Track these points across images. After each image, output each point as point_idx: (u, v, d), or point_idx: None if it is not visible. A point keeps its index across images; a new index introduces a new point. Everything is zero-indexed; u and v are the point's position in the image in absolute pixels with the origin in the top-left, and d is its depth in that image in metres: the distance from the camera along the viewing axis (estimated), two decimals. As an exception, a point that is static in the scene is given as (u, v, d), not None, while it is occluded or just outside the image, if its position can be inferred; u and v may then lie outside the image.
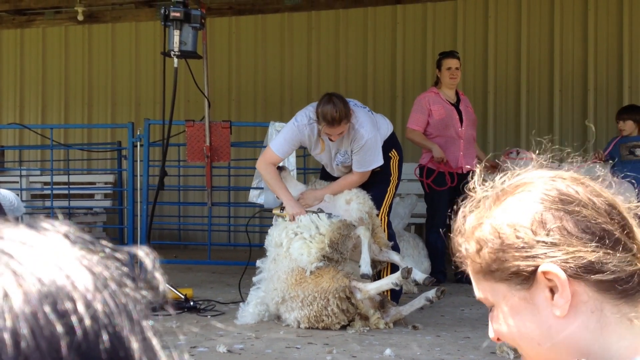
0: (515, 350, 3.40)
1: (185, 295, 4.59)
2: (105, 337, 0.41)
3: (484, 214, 0.93)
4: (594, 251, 0.87)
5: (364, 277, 4.04)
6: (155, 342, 0.45)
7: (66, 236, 0.45)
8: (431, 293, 4.03)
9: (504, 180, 0.95)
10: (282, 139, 4.44)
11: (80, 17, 7.66)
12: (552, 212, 0.89)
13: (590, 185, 0.93)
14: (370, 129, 4.36)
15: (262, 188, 5.48)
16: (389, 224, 4.64)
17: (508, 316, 0.93)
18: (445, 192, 5.70)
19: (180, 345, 3.59)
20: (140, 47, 8.62)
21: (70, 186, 7.00)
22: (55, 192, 6.98)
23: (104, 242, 0.47)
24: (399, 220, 5.91)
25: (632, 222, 0.91)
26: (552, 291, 0.89)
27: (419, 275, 4.24)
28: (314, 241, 4.02)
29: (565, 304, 0.88)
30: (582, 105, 7.51)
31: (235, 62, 8.36)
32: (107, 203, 7.88)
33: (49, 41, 8.92)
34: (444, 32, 7.80)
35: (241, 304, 4.39)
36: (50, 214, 6.36)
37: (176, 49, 4.50)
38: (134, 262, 0.48)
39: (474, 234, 0.94)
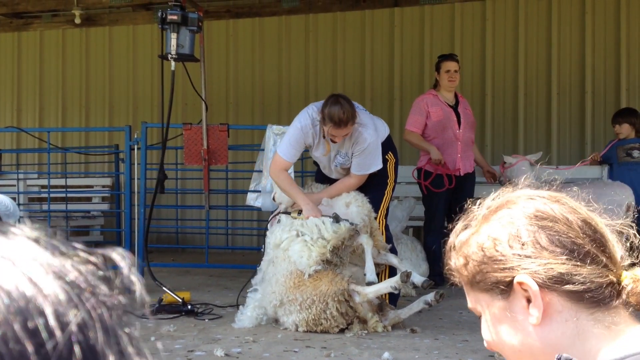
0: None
1: (182, 299, 4.57)
2: (78, 352, 0.39)
3: (473, 231, 1.01)
4: (563, 263, 0.93)
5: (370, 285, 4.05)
6: (132, 352, 0.42)
7: (36, 241, 0.43)
8: (430, 296, 4.02)
9: (493, 199, 1.03)
10: (287, 144, 4.42)
11: (77, 20, 7.65)
12: (527, 228, 0.96)
13: (567, 203, 0.99)
14: (372, 132, 4.37)
15: (259, 191, 5.47)
16: (387, 227, 4.63)
17: (491, 324, 1.00)
18: (443, 195, 5.69)
19: (178, 349, 3.58)
20: (138, 51, 8.62)
21: (68, 189, 6.98)
22: (52, 195, 6.96)
23: (77, 245, 0.45)
24: (397, 223, 5.90)
25: (609, 237, 0.97)
26: (529, 301, 0.95)
27: (418, 278, 4.23)
28: (315, 245, 4.00)
29: (539, 313, 0.94)
30: (579, 108, 7.52)
31: (233, 65, 8.36)
32: (105, 206, 7.86)
33: (47, 44, 8.91)
34: (441, 35, 7.80)
35: (240, 307, 4.37)
36: (48, 217, 6.34)
37: (173, 52, 4.49)
38: (111, 265, 0.46)
39: (462, 249, 1.02)
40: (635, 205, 5.51)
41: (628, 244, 1.01)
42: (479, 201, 1.05)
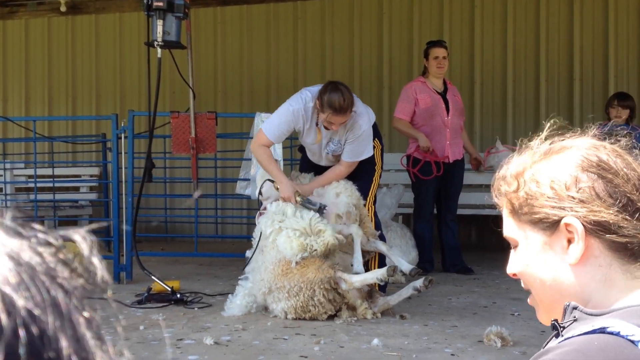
0: (502, 339, 3.40)
1: (172, 288, 4.56)
2: (23, 336, 0.36)
3: (530, 165, 1.05)
4: (613, 214, 0.98)
5: None
6: (89, 337, 0.40)
7: None
8: (419, 282, 4.03)
9: (552, 142, 1.07)
10: (275, 123, 4.36)
11: (63, 9, 7.57)
12: (587, 174, 1.00)
13: (628, 159, 1.02)
14: (367, 120, 4.36)
15: (249, 179, 5.45)
16: (375, 213, 4.64)
17: (527, 256, 1.05)
18: (431, 182, 5.70)
19: (167, 338, 3.57)
20: (125, 38, 8.54)
21: (55, 179, 6.92)
22: (40, 185, 6.91)
23: (36, 227, 0.43)
24: (387, 210, 5.91)
25: None
26: (569, 242, 1.00)
27: (405, 266, 4.24)
28: (296, 239, 3.99)
29: (579, 254, 0.99)
30: (568, 94, 7.53)
31: (221, 52, 8.30)
32: (93, 196, 7.81)
33: (32, 33, 8.82)
34: (430, 21, 7.78)
35: (229, 295, 4.36)
36: (35, 207, 6.29)
37: (159, 39, 4.45)
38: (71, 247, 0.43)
39: (516, 177, 1.05)
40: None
41: None
42: (538, 137, 1.08)
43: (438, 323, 3.96)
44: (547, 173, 1.02)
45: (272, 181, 4.43)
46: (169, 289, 4.55)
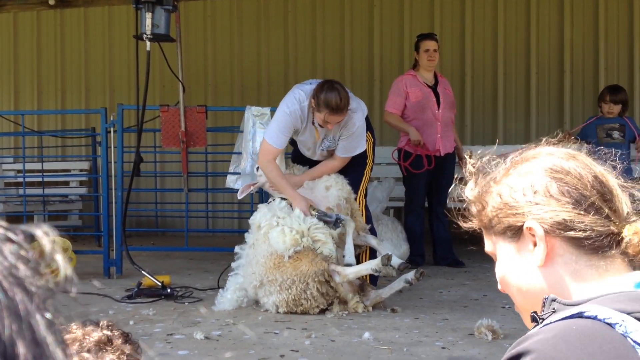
0: (492, 332, 3.41)
1: (162, 283, 4.54)
2: None
3: (495, 182, 1.12)
4: (568, 211, 1.03)
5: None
6: (50, 341, 0.37)
7: None
8: (410, 275, 4.03)
9: (518, 154, 1.14)
10: (276, 130, 4.29)
11: (51, 2, 7.47)
12: (541, 178, 1.07)
13: (582, 159, 1.08)
14: (361, 116, 4.35)
15: (239, 173, 5.42)
16: (366, 207, 4.63)
17: (502, 267, 1.12)
18: (423, 175, 5.69)
19: (157, 333, 3.55)
20: (114, 32, 8.48)
21: (45, 173, 6.87)
22: (29, 179, 6.86)
23: None
24: (377, 204, 5.90)
25: (617, 193, 1.06)
26: (535, 245, 1.06)
27: (395, 260, 4.23)
28: (290, 234, 3.97)
29: (543, 255, 1.05)
30: (558, 87, 7.54)
31: (211, 46, 8.26)
32: (83, 190, 7.76)
33: (21, 26, 8.74)
34: (421, 14, 7.77)
35: (220, 290, 4.35)
36: (24, 202, 6.25)
37: (148, 32, 4.41)
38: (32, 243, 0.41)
39: (483, 196, 1.13)
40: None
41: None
42: (507, 156, 1.16)
43: (429, 316, 3.96)
44: (508, 186, 1.09)
45: (284, 198, 4.32)
46: (159, 284, 4.53)
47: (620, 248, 1.03)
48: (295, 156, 4.74)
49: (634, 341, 0.88)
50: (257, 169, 4.51)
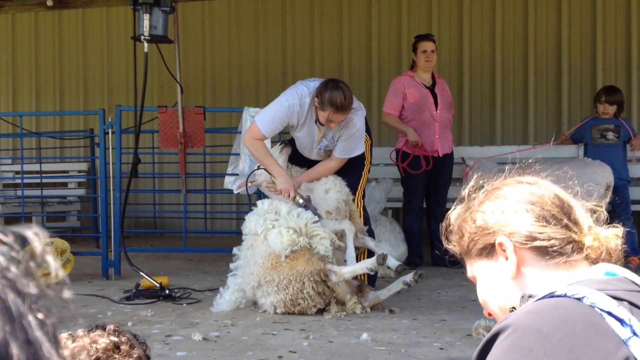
0: (490, 332, 3.41)
1: (160, 284, 4.54)
2: None
3: (469, 212, 1.25)
4: (532, 224, 1.17)
5: None
6: (43, 341, 0.37)
7: None
8: (409, 277, 4.03)
9: (486, 189, 1.27)
10: (270, 118, 4.29)
11: (49, 3, 7.47)
12: (508, 201, 1.21)
13: (543, 184, 1.23)
14: (361, 117, 4.34)
15: (237, 174, 5.42)
16: (364, 208, 4.63)
17: (482, 285, 1.24)
18: (421, 176, 5.70)
19: (155, 334, 3.55)
20: (112, 33, 8.48)
21: (43, 175, 6.87)
22: (27, 181, 6.86)
23: None
24: (375, 205, 5.90)
25: (576, 208, 1.20)
26: (507, 259, 1.18)
27: (393, 262, 4.23)
28: (287, 234, 3.97)
29: (514, 267, 1.16)
30: (556, 87, 7.55)
31: (209, 47, 8.26)
32: (81, 191, 7.76)
33: (19, 27, 8.74)
34: (419, 15, 7.77)
35: (220, 288, 4.34)
36: (22, 203, 6.24)
37: (146, 33, 4.41)
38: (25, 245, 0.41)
39: (460, 225, 1.26)
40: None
41: (596, 217, 1.23)
42: (481, 188, 1.28)
43: (427, 317, 3.96)
44: (481, 212, 1.23)
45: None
46: (158, 285, 4.53)
47: (584, 253, 1.16)
48: (293, 156, 4.74)
49: (601, 309, 0.99)
50: (258, 167, 4.51)
